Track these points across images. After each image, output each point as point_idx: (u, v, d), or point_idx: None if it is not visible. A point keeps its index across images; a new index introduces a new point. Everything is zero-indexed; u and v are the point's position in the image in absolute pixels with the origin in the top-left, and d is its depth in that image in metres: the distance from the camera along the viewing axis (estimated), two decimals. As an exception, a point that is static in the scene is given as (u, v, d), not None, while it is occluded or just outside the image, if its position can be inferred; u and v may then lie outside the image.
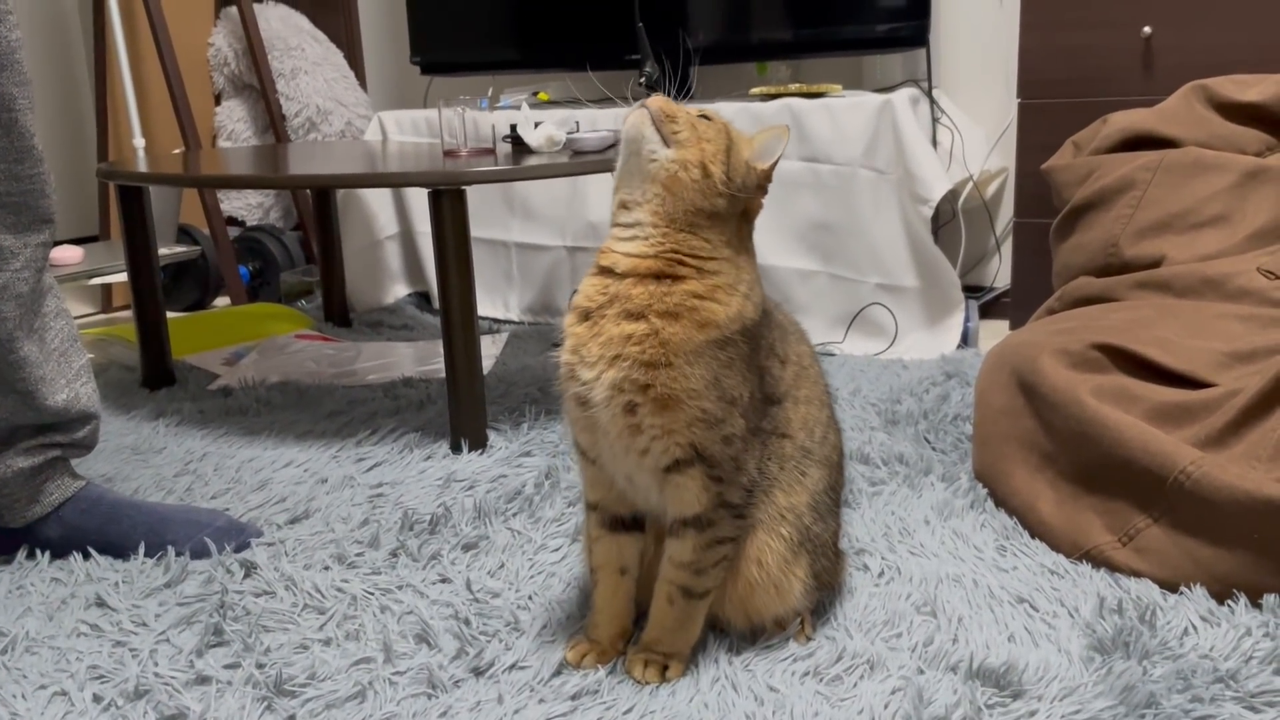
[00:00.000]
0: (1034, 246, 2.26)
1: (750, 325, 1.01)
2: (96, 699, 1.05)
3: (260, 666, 1.09)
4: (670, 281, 0.99)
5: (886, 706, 0.99)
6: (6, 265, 1.28)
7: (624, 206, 1.02)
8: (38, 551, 1.38)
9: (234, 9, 3.05)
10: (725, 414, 0.99)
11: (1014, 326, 2.33)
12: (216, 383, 2.14)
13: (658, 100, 1.01)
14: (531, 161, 1.76)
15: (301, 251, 3.05)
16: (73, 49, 3.22)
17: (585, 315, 1.01)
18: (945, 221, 2.55)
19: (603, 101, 2.77)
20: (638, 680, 1.05)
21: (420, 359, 2.31)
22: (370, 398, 2.00)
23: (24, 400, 1.33)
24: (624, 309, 0.98)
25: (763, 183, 1.03)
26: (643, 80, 2.27)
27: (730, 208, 1.01)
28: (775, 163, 1.03)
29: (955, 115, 2.49)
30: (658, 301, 0.98)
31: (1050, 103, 2.22)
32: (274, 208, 3.21)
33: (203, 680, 1.08)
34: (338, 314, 2.64)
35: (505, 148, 2.02)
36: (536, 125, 1.97)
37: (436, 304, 2.80)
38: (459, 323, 1.69)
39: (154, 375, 2.13)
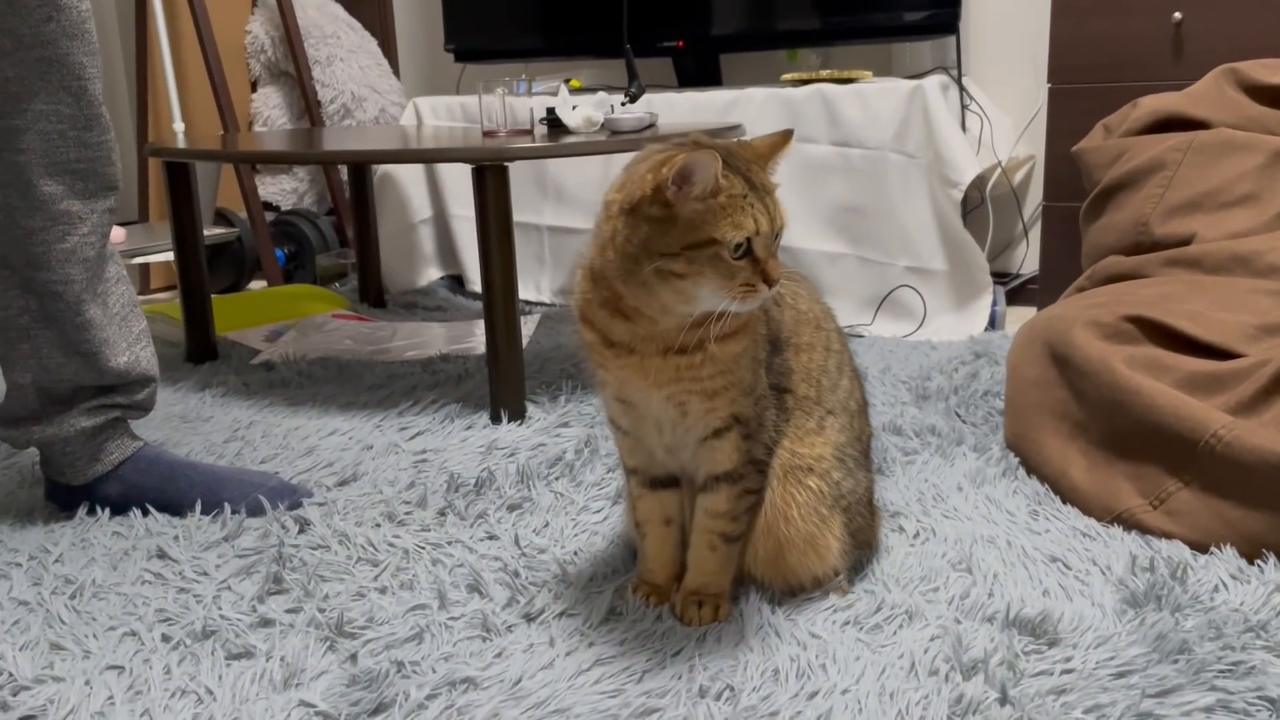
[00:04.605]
0: (1063, 231, 2.29)
1: None
2: (165, 639, 1.10)
3: (321, 611, 1.14)
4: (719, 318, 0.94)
5: (926, 652, 1.03)
6: (75, 230, 1.33)
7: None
8: (98, 508, 1.42)
9: (272, -3, 3.11)
10: (756, 378, 1.04)
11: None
12: (258, 357, 2.19)
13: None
14: (570, 141, 1.80)
15: (335, 235, 3.10)
16: (107, 37, 3.28)
17: (610, 343, 1.01)
18: (973, 207, 2.58)
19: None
20: (693, 621, 1.09)
21: (453, 338, 2.35)
22: (409, 372, 2.04)
23: (88, 362, 1.38)
24: (668, 346, 0.98)
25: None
26: (626, 100, 2.32)
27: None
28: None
29: (984, 102, 2.52)
30: (709, 333, 0.95)
31: (1080, 87, 2.25)
32: (308, 193, 3.26)
33: (266, 623, 1.13)
34: (373, 295, 2.69)
35: (543, 129, 2.06)
36: (574, 108, 2.01)
37: (469, 286, 2.86)
38: (500, 296, 1.73)
39: (198, 350, 2.18)
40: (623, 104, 2.43)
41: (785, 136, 0.98)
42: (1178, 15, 2.12)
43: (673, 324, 0.97)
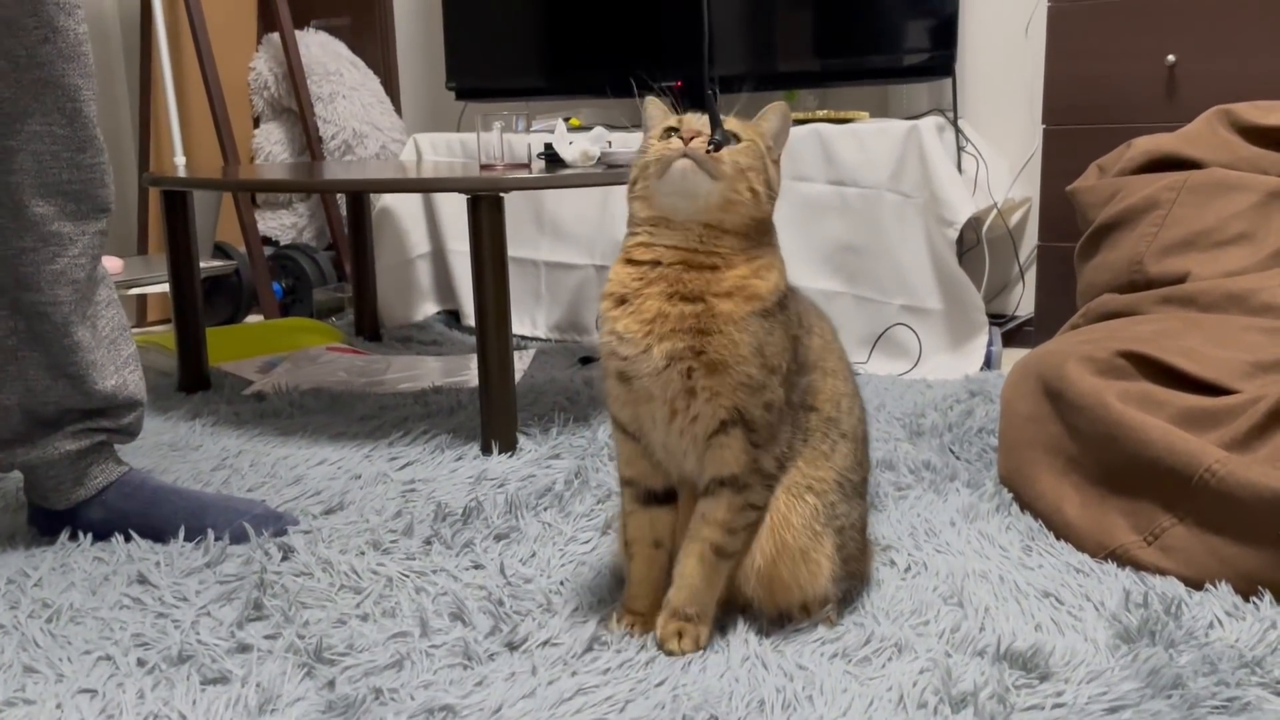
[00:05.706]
0: (1058, 271, 2.29)
1: (784, 294, 1.07)
2: (140, 663, 1.08)
3: (300, 637, 1.12)
4: (724, 269, 1.05)
5: (915, 685, 1.00)
6: (65, 251, 1.33)
7: (665, 219, 1.06)
8: (80, 533, 1.41)
9: (276, 35, 3.14)
10: (766, 380, 1.04)
11: (1037, 351, 2.34)
12: (251, 388, 2.18)
13: (696, 142, 1.05)
14: (564, 173, 1.81)
15: (333, 270, 3.11)
16: (112, 71, 3.31)
17: (621, 300, 1.06)
18: (969, 248, 2.59)
19: (633, 128, 2.83)
20: (674, 653, 1.07)
21: (448, 371, 2.35)
22: (401, 403, 2.03)
23: (74, 384, 1.37)
24: (675, 291, 1.03)
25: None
26: (710, 149, 2.34)
27: (770, 204, 1.08)
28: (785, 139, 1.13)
29: (980, 144, 2.53)
30: (712, 286, 1.04)
31: (1075, 129, 2.26)
32: (307, 228, 3.28)
33: (244, 648, 1.10)
34: (368, 329, 2.69)
35: (540, 164, 2.07)
36: (571, 144, 2.02)
37: (466, 321, 2.86)
38: (493, 326, 1.73)
39: (191, 379, 2.17)
40: (708, 151, 2.44)
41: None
42: (1171, 58, 2.14)
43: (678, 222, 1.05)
